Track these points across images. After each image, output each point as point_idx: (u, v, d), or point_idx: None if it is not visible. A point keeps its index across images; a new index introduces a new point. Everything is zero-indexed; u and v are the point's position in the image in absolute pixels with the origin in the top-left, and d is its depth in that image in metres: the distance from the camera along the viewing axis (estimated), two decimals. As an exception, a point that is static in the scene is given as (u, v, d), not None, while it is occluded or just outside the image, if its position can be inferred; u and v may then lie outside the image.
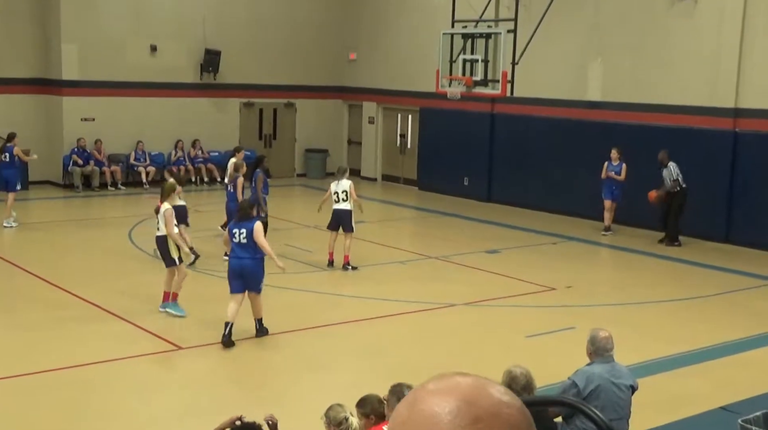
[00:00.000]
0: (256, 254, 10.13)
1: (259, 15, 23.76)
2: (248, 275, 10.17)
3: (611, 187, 17.29)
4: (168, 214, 11.06)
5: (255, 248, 10.11)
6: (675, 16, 17.45)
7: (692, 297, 13.14)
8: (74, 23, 21.22)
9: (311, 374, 9.54)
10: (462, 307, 12.26)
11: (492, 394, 1.23)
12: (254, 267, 10.18)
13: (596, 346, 6.43)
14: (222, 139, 23.50)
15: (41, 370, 9.22)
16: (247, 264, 10.12)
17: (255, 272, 10.20)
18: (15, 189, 17.05)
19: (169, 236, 11.08)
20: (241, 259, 10.11)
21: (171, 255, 11.15)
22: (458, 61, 17.26)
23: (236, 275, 10.19)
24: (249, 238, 10.05)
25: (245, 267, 10.13)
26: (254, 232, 10.03)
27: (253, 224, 10.11)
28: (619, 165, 17.17)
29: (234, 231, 10.15)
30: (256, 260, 10.15)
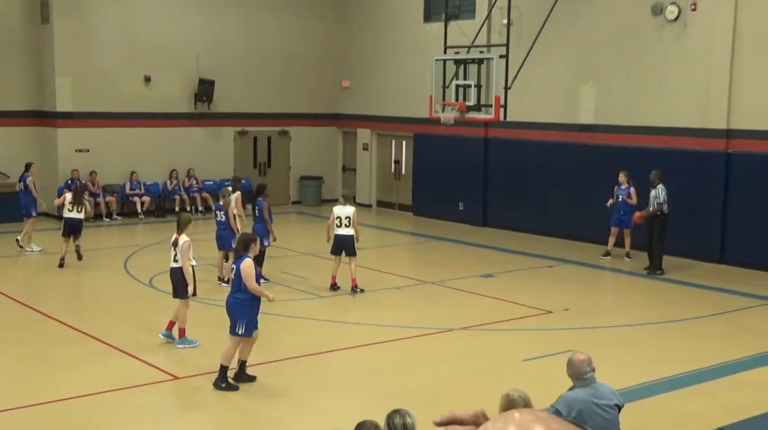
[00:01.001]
0: (237, 294, 9.59)
1: (253, 44, 23.91)
2: (228, 313, 9.72)
3: (619, 212, 16.88)
4: (185, 246, 10.98)
5: (239, 287, 9.58)
6: (665, 39, 17.61)
7: (689, 318, 13.14)
8: (68, 56, 21.33)
9: (309, 400, 9.50)
10: (459, 331, 12.24)
11: None
12: (233, 306, 9.64)
13: (573, 370, 6.44)
14: (217, 168, 23.56)
15: (36, 403, 9.16)
16: (228, 302, 9.73)
17: (233, 312, 9.65)
18: (31, 215, 17.65)
19: (184, 268, 11.01)
20: (229, 296, 9.78)
21: (185, 287, 11.06)
22: (451, 86, 17.38)
23: (227, 312, 9.82)
24: (236, 275, 9.61)
25: (227, 305, 9.74)
26: (242, 271, 9.51)
27: (241, 261, 9.58)
28: (628, 189, 16.77)
29: (233, 266, 9.85)
30: (235, 299, 9.61)
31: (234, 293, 9.63)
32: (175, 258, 11.12)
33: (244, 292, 9.52)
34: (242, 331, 9.60)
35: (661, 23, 17.61)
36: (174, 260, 11.16)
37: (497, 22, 19.62)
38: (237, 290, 9.59)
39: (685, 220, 17.12)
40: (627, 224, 16.83)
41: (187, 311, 11.23)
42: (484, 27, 19.77)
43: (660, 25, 17.64)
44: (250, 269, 9.48)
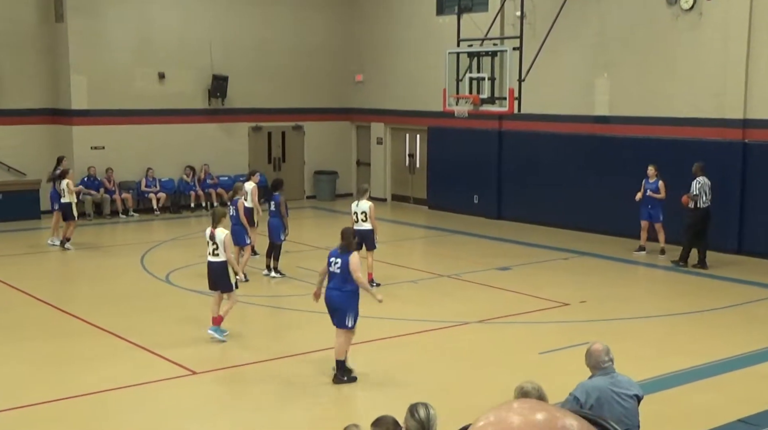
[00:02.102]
0: (343, 287, 9.61)
1: (266, 39, 23.93)
2: (333, 307, 9.72)
3: (647, 206, 16.61)
4: (227, 240, 11.04)
5: (345, 281, 9.57)
6: (680, 29, 17.48)
7: (706, 310, 13.08)
8: (82, 54, 21.42)
9: (328, 395, 9.52)
10: (475, 325, 12.23)
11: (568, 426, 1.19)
12: (340, 299, 9.63)
13: (592, 359, 6.48)
14: (231, 164, 23.62)
15: (54, 399, 9.23)
16: (333, 296, 9.68)
17: (340, 305, 9.63)
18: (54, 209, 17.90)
19: (228, 262, 11.06)
20: (330, 289, 9.70)
21: (229, 280, 11.13)
22: (465, 79, 17.34)
23: (327, 307, 9.80)
24: (343, 269, 9.56)
25: (331, 299, 9.70)
26: (350, 264, 9.54)
27: (348, 256, 9.58)
28: (656, 182, 16.46)
29: (331, 260, 9.70)
30: (343, 292, 9.61)
31: (341, 286, 9.62)
32: (215, 252, 11.13)
33: (351, 284, 9.57)
34: (352, 323, 9.68)
35: (676, 13, 17.49)
36: (213, 253, 11.16)
37: (510, 14, 19.55)
38: (344, 282, 9.60)
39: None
40: (656, 218, 16.56)
41: (233, 303, 11.24)
42: (498, 19, 19.69)
43: (675, 15, 17.52)
44: (358, 262, 9.62)
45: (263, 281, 14.92)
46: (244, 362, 10.60)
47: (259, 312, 13.37)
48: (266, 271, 15.12)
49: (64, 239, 17.55)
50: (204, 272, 15.44)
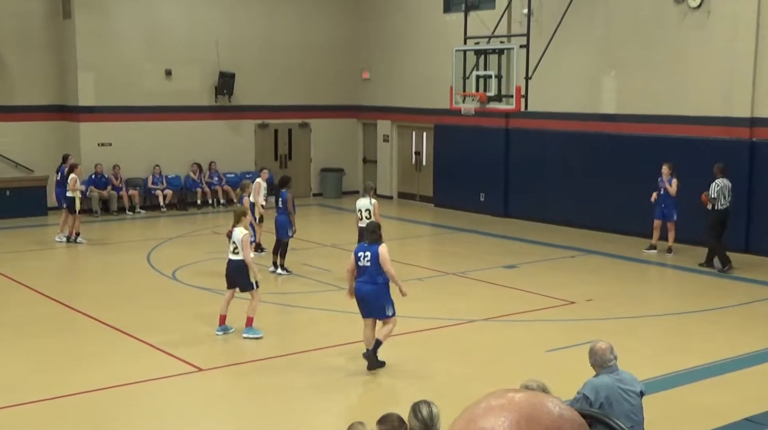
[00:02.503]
0: (376, 280, 9.74)
1: (272, 36, 23.94)
2: (367, 300, 9.82)
3: (660, 205, 16.49)
4: (245, 239, 11.03)
5: (376, 273, 9.71)
6: (688, 27, 17.43)
7: (713, 308, 13.04)
8: (90, 50, 21.47)
9: (332, 392, 9.53)
10: (481, 322, 12.22)
11: (551, 409, 1.19)
12: (374, 292, 9.76)
13: (596, 358, 6.49)
14: (238, 161, 23.64)
15: (62, 394, 9.25)
16: (365, 290, 9.78)
17: (374, 298, 9.78)
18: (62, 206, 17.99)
19: (246, 260, 11.05)
20: (361, 283, 9.81)
21: (249, 279, 11.12)
22: (471, 77, 17.32)
23: (359, 301, 9.90)
24: (373, 262, 9.70)
25: (364, 292, 9.80)
26: (380, 256, 9.69)
27: (377, 248, 9.72)
28: (670, 180, 16.32)
29: (359, 254, 9.83)
30: (376, 285, 9.75)
31: (373, 279, 9.74)
32: (235, 250, 11.15)
33: (383, 276, 9.73)
34: (392, 312, 9.84)
35: (683, 11, 17.43)
36: (233, 252, 11.18)
37: (517, 11, 19.51)
38: (376, 275, 9.73)
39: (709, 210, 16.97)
40: (669, 216, 16.46)
41: (257, 302, 11.24)
42: (504, 17, 19.66)
43: (682, 13, 17.46)
44: (387, 254, 9.75)
45: (270, 278, 14.94)
46: (250, 359, 10.61)
47: (265, 309, 13.36)
48: (273, 268, 15.14)
49: (71, 234, 17.66)
50: (210, 269, 15.52)
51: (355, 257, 9.82)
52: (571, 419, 1.18)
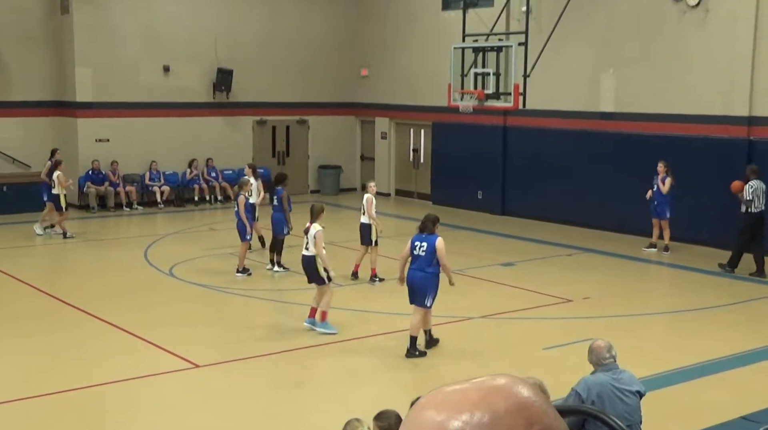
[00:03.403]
0: (428, 268, 10.06)
1: (271, 33, 23.91)
2: (415, 287, 10.17)
3: (653, 203, 16.48)
4: (318, 235, 11.15)
5: (428, 263, 10.05)
6: (687, 25, 17.42)
7: (711, 306, 13.05)
8: (88, 46, 21.43)
9: (332, 388, 9.53)
10: (479, 320, 12.23)
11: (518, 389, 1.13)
12: (423, 280, 10.10)
13: (593, 356, 6.51)
14: (235, 158, 23.62)
15: (59, 390, 9.24)
16: (416, 277, 10.13)
17: (422, 286, 10.12)
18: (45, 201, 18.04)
19: (318, 257, 11.14)
20: (413, 271, 10.17)
21: (320, 274, 11.23)
22: (470, 74, 17.31)
23: (408, 287, 10.28)
24: (428, 252, 10.03)
25: (414, 279, 10.16)
26: (437, 249, 10.01)
27: (435, 239, 10.07)
28: (664, 178, 16.30)
29: (416, 243, 10.18)
30: (426, 274, 10.08)
31: (424, 268, 10.05)
32: (306, 246, 11.35)
33: (434, 267, 10.03)
34: (430, 303, 10.17)
35: (682, 9, 17.43)
36: (305, 247, 11.38)
37: (516, 9, 19.51)
38: (428, 265, 10.04)
39: (707, 207, 16.99)
40: (662, 214, 16.47)
41: (329, 297, 11.33)
42: (503, 14, 19.64)
43: (681, 11, 17.46)
44: (444, 246, 10.05)
45: (267, 275, 14.94)
46: (246, 356, 10.60)
47: (262, 306, 13.37)
48: (270, 265, 15.13)
49: (52, 227, 17.91)
50: (207, 265, 15.52)
51: (411, 245, 10.17)
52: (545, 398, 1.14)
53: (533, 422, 1.08)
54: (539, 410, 1.10)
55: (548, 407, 1.11)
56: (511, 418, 1.07)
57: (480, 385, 1.11)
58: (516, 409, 1.08)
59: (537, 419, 1.08)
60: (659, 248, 16.72)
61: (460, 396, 1.09)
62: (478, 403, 1.07)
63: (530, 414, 1.08)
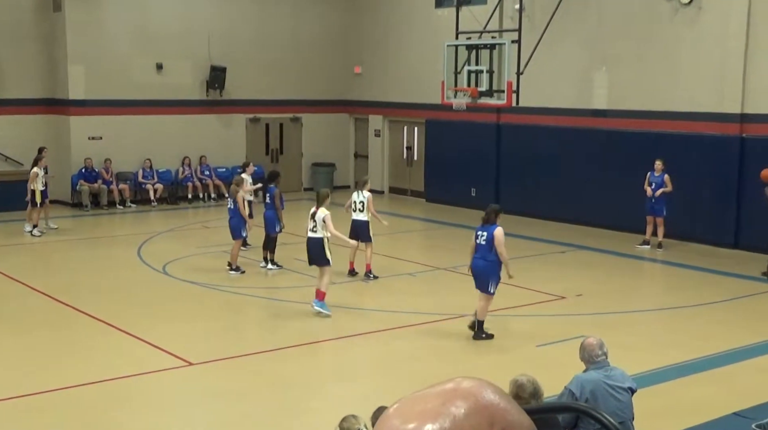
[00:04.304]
0: (487, 257, 10.65)
1: (264, 31, 23.88)
2: (476, 275, 10.80)
3: (651, 200, 16.46)
4: (327, 218, 11.79)
5: (489, 252, 10.63)
6: (679, 23, 17.47)
7: (702, 303, 13.09)
8: (80, 43, 21.37)
9: (326, 386, 9.54)
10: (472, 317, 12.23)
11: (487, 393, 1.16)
12: (483, 268, 10.70)
13: (585, 353, 6.52)
14: (229, 155, 23.60)
15: (52, 388, 9.23)
16: (477, 265, 10.75)
17: (482, 273, 10.71)
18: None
19: (333, 237, 11.91)
20: (475, 259, 10.79)
21: (326, 256, 11.83)
22: (463, 72, 17.31)
23: (472, 274, 10.90)
24: (487, 241, 10.61)
25: (476, 267, 10.79)
26: (495, 238, 10.58)
27: (494, 230, 10.64)
28: (661, 176, 16.32)
29: (478, 233, 10.80)
30: (487, 262, 10.66)
31: (485, 256, 10.66)
32: (313, 229, 11.93)
33: (494, 255, 10.62)
34: (493, 289, 10.74)
35: (674, 7, 17.47)
36: (311, 230, 11.96)
37: (509, 6, 19.50)
38: (488, 253, 10.66)
39: (699, 205, 17.05)
40: (659, 212, 16.49)
41: (329, 277, 12.01)
42: (496, 12, 19.63)
43: (674, 9, 17.50)
44: (503, 236, 10.63)
45: (260, 274, 14.93)
46: (239, 354, 10.60)
47: (255, 304, 13.37)
48: (263, 263, 15.13)
49: (32, 226, 17.91)
50: (201, 263, 15.51)
51: (475, 235, 10.85)
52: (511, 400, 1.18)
53: (494, 421, 1.12)
54: (499, 408, 1.14)
55: (509, 405, 1.15)
56: (472, 419, 1.11)
57: (442, 391, 1.16)
58: (476, 410, 1.12)
59: (499, 418, 1.12)
60: (652, 245, 16.77)
61: (422, 405, 1.14)
62: (440, 409, 1.12)
63: (491, 413, 1.12)
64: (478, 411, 1.12)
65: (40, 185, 17.77)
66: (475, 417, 1.11)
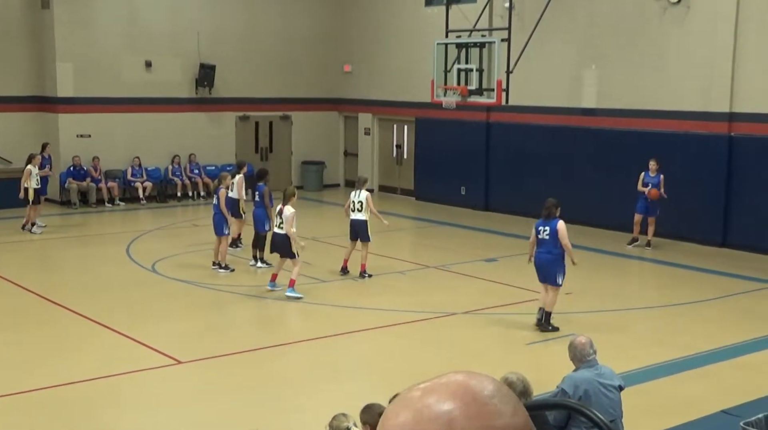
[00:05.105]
0: (554, 250, 10.96)
1: (254, 28, 23.83)
2: (543, 268, 11.09)
3: (646, 200, 16.41)
4: (291, 216, 12.56)
5: (553, 245, 10.94)
6: (668, 22, 17.52)
7: (691, 302, 13.15)
8: (68, 41, 21.27)
9: (316, 384, 9.53)
10: (462, 316, 12.26)
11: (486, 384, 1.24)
12: (550, 262, 10.99)
13: (575, 352, 6.52)
14: (218, 154, 23.54)
15: (40, 387, 9.19)
16: (543, 259, 11.05)
17: (549, 267, 11.00)
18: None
19: (289, 236, 12.56)
20: (540, 253, 11.11)
21: (292, 250, 12.67)
22: (453, 70, 17.32)
23: (537, 268, 11.18)
24: (551, 235, 10.93)
25: (541, 261, 11.08)
26: (558, 231, 10.92)
27: (557, 223, 10.96)
28: (657, 177, 16.29)
29: (540, 228, 11.09)
30: (552, 256, 10.97)
31: (551, 250, 11.01)
32: (280, 225, 12.69)
33: (559, 248, 11.00)
34: (561, 281, 11.09)
35: (663, 6, 17.52)
36: (278, 226, 12.75)
37: (499, 5, 19.52)
38: (554, 246, 11.01)
39: (688, 203, 17.11)
40: (653, 212, 16.48)
41: (298, 267, 12.80)
42: (486, 10, 19.65)
43: (662, 8, 17.55)
44: (565, 228, 11.00)
45: (250, 272, 14.91)
46: (228, 352, 10.58)
47: (244, 302, 13.34)
48: (252, 262, 15.11)
49: (26, 223, 17.84)
50: (190, 261, 15.47)
51: (536, 230, 11.15)
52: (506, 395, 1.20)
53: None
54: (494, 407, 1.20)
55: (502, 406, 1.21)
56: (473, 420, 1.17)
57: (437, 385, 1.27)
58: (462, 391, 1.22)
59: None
60: (641, 243, 16.80)
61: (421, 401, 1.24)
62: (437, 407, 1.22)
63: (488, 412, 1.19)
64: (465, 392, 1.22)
65: (33, 183, 17.66)
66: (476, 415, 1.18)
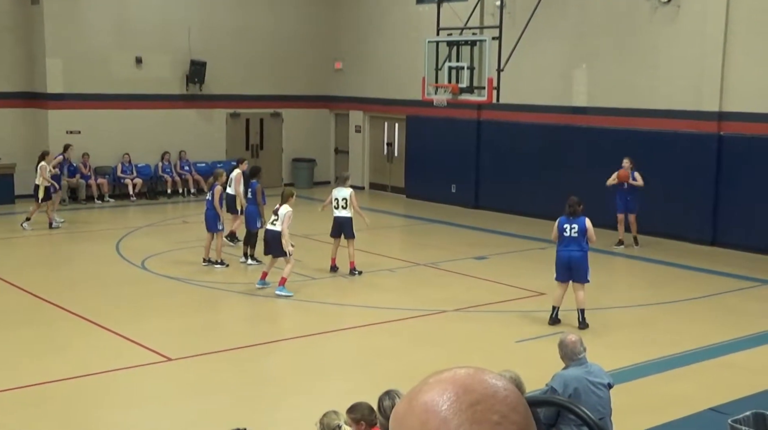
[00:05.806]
0: (583, 247, 11.09)
1: (245, 25, 23.79)
2: (575, 266, 11.08)
3: (625, 198, 16.49)
4: (288, 215, 12.61)
5: (583, 242, 11.06)
6: (658, 21, 17.58)
7: (679, 300, 13.21)
8: (58, 37, 21.19)
9: (305, 382, 9.54)
10: (452, 313, 12.28)
11: (487, 379, 1.28)
12: (581, 259, 11.08)
13: (565, 351, 6.54)
14: (209, 150, 23.50)
15: (29, 384, 9.17)
16: (575, 256, 11.08)
17: (581, 264, 11.09)
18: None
19: (282, 233, 12.51)
20: (570, 251, 11.08)
21: (283, 248, 12.61)
22: (444, 68, 17.33)
23: (563, 266, 11.17)
24: (580, 233, 11.02)
25: (573, 259, 11.07)
26: (586, 228, 11.04)
27: (584, 220, 11.06)
28: (631, 174, 16.31)
29: (565, 226, 11.15)
30: (583, 252, 11.10)
31: (581, 247, 11.11)
32: (273, 222, 12.71)
33: (587, 244, 11.15)
34: (590, 277, 11.19)
35: (653, 5, 17.58)
36: (272, 223, 12.74)
37: (490, 3, 19.52)
38: (583, 243, 11.13)
39: (677, 202, 17.18)
40: (632, 209, 16.54)
41: (291, 266, 12.84)
42: (477, 8, 19.66)
43: (653, 7, 17.60)
44: (592, 225, 11.13)
45: (241, 269, 14.90)
46: (218, 349, 10.57)
47: (236, 299, 13.33)
48: (243, 259, 15.10)
49: (26, 218, 17.77)
50: (180, 258, 15.45)
51: (560, 228, 11.20)
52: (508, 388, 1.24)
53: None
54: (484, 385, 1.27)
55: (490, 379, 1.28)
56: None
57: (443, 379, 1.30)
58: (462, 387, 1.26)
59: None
60: (627, 243, 16.81)
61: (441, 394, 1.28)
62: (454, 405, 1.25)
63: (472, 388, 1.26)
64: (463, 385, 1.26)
65: (44, 181, 17.63)
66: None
